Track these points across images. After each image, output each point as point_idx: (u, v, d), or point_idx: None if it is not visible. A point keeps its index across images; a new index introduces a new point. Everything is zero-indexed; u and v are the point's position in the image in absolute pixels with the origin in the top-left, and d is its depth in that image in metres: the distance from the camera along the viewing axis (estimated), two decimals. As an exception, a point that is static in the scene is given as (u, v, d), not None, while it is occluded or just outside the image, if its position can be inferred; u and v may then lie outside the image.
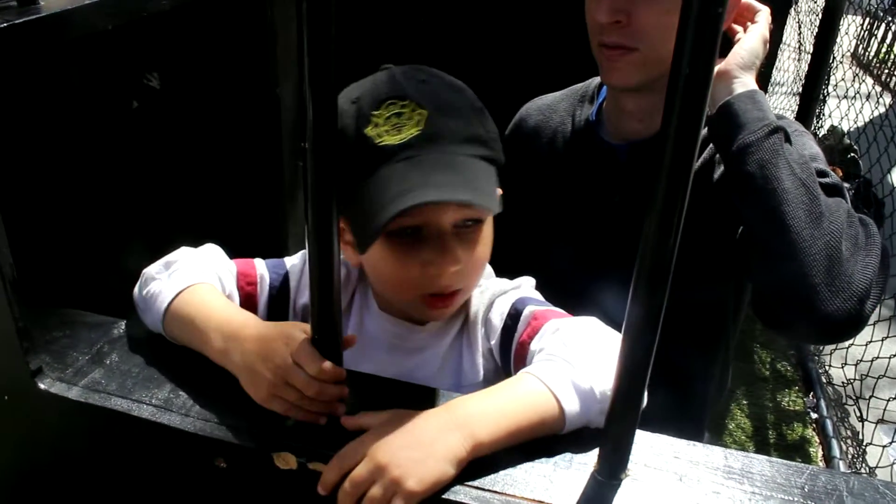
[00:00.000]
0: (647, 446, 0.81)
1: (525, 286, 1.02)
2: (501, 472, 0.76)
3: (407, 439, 0.73)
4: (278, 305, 1.03)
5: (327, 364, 0.77)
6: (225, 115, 1.74)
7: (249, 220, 1.78)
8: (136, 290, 0.98)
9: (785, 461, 0.80)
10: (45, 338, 0.95)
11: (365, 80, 0.93)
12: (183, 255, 0.98)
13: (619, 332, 0.70)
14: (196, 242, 1.01)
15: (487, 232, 0.94)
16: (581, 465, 0.78)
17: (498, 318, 0.97)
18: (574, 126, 1.37)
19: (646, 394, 0.71)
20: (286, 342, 0.79)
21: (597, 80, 1.41)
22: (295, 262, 1.05)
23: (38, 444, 0.95)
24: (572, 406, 0.78)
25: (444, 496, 0.73)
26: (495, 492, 0.74)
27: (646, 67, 1.16)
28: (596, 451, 0.77)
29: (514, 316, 0.96)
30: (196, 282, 0.92)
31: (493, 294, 1.00)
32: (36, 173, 1.28)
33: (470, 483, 0.74)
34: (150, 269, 0.97)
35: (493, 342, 0.98)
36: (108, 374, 0.90)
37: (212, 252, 1.01)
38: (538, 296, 1.01)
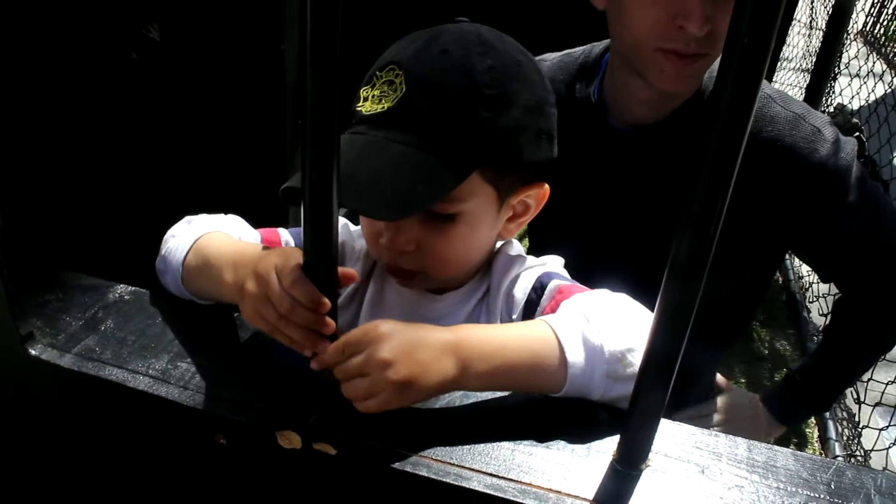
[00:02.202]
0: (669, 435, 0.77)
1: (552, 263, 0.99)
2: (517, 460, 0.72)
3: (409, 347, 0.72)
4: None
5: (299, 282, 0.71)
6: (227, 71, 1.68)
7: (249, 176, 1.74)
8: (157, 261, 0.95)
9: (810, 455, 0.77)
10: (37, 301, 0.91)
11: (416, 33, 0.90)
12: (203, 216, 0.96)
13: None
14: (195, 198, 0.97)
15: (467, 230, 0.90)
16: (599, 454, 0.74)
17: (521, 293, 0.94)
18: (574, 105, 1.30)
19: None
20: (279, 257, 0.74)
21: (597, 51, 1.34)
22: None
23: (28, 414, 0.91)
24: (576, 357, 0.75)
25: (458, 483, 0.70)
26: (510, 479, 0.70)
27: (707, 69, 1.14)
28: (615, 440, 0.74)
29: (538, 290, 0.93)
30: (213, 230, 0.91)
31: (519, 269, 0.97)
32: (29, 130, 1.23)
33: (484, 470, 0.71)
34: (170, 231, 0.96)
35: (514, 316, 0.94)
36: (102, 341, 0.86)
37: (234, 218, 0.98)
38: (565, 273, 0.98)
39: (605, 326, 0.78)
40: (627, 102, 1.23)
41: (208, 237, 0.90)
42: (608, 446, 0.75)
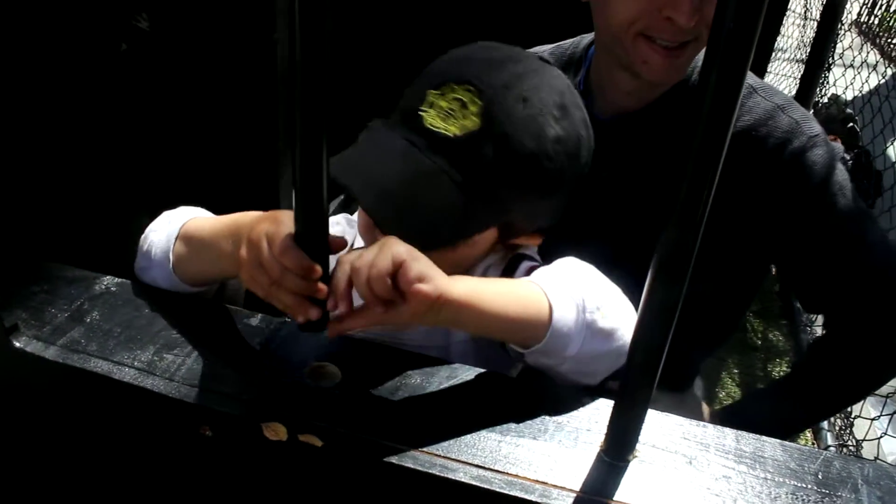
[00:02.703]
0: (656, 426, 0.77)
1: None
2: (504, 451, 0.72)
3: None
4: None
5: (289, 249, 0.71)
6: (218, 61, 1.67)
7: (240, 165, 1.73)
8: (136, 261, 0.95)
9: (798, 446, 0.77)
10: (22, 292, 0.90)
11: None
12: (181, 208, 0.96)
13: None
14: (184, 188, 0.96)
15: (457, 256, 0.91)
16: (587, 445, 0.74)
17: (492, 273, 0.96)
18: None
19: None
20: (271, 223, 0.74)
21: (585, 42, 1.33)
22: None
23: (13, 406, 0.91)
24: (560, 304, 0.77)
25: (444, 475, 0.69)
26: (497, 471, 0.70)
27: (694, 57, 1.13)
28: (602, 431, 0.73)
29: (508, 269, 0.95)
30: (196, 216, 0.92)
31: (494, 255, 0.98)
32: (14, 121, 1.22)
33: (471, 462, 0.71)
34: (148, 228, 0.95)
35: None
36: (88, 333, 0.85)
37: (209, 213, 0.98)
38: (537, 257, 1.00)
39: (582, 282, 0.81)
40: (612, 92, 1.22)
41: (194, 221, 0.91)
42: (595, 437, 0.74)
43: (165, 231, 0.92)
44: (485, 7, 2.23)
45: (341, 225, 1.08)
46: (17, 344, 0.82)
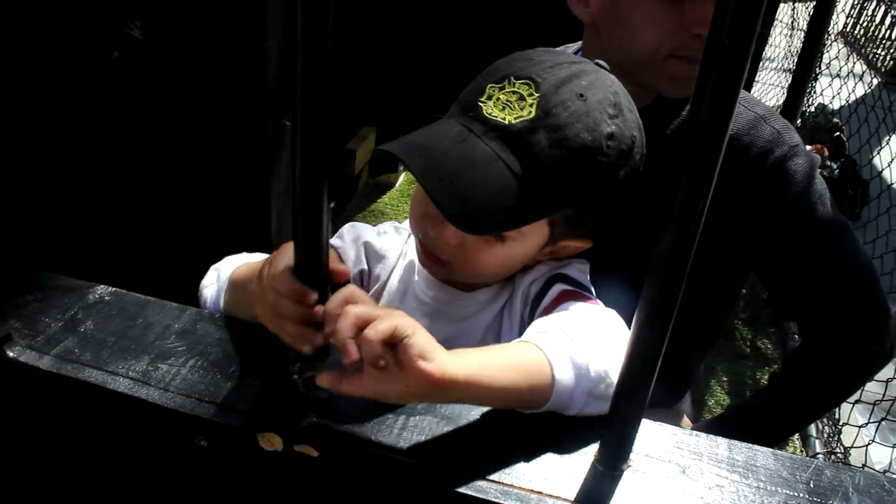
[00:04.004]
0: (650, 435, 0.77)
1: (573, 266, 0.99)
2: (496, 460, 0.72)
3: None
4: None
5: (281, 275, 0.71)
6: (209, 69, 1.67)
7: (230, 176, 1.72)
8: None
9: (790, 455, 0.78)
10: (15, 301, 0.90)
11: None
12: (227, 258, 1.00)
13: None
14: (174, 199, 0.96)
15: (509, 251, 0.92)
16: (581, 455, 0.74)
17: (533, 289, 0.97)
18: None
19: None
20: (279, 253, 0.74)
21: (570, 52, 1.34)
22: (334, 242, 1.05)
23: (6, 416, 0.90)
24: (563, 375, 0.74)
25: (438, 484, 0.70)
26: (492, 481, 0.70)
27: None
28: (597, 440, 0.74)
29: (545, 287, 0.95)
30: (239, 264, 0.94)
31: (541, 267, 0.99)
32: (7, 129, 1.22)
33: (462, 470, 0.71)
34: (202, 283, 1.00)
35: (524, 312, 0.96)
36: (82, 342, 0.85)
37: (259, 255, 0.99)
38: (582, 278, 0.98)
39: (590, 346, 0.77)
40: None
41: (236, 272, 0.92)
42: (590, 447, 0.75)
43: (216, 286, 0.95)
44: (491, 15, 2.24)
45: (389, 234, 1.08)
46: (11, 354, 0.82)
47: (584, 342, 0.78)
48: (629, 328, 0.66)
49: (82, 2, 1.39)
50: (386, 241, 1.07)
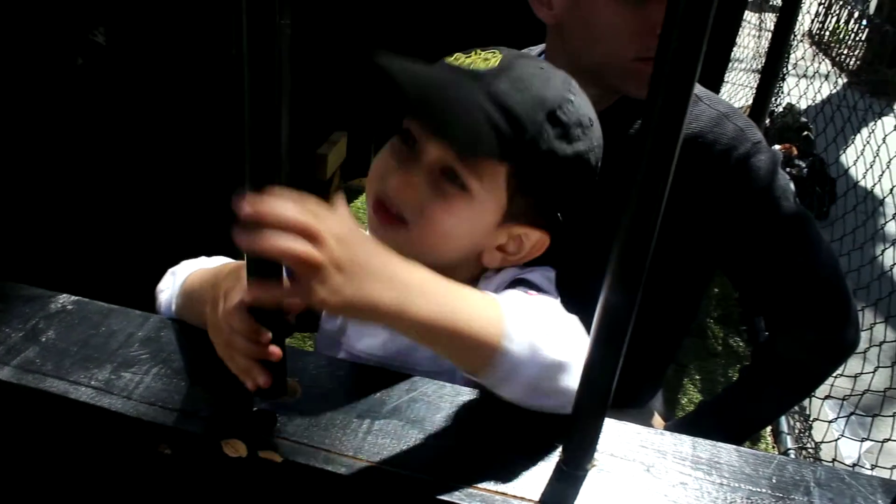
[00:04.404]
0: (614, 435, 0.78)
1: (537, 272, 0.97)
2: (461, 462, 0.73)
3: (360, 257, 0.65)
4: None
5: (236, 311, 0.69)
6: (175, 75, 1.66)
7: (199, 180, 1.71)
8: None
9: (753, 451, 0.78)
10: (-25, 312, 0.89)
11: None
12: (185, 262, 0.98)
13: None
14: (141, 205, 0.96)
15: (464, 211, 0.91)
16: (545, 455, 0.75)
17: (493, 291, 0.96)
18: None
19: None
20: (232, 280, 0.73)
21: (534, 53, 1.35)
22: None
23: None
24: (516, 342, 0.71)
25: (403, 488, 0.70)
26: (457, 483, 0.70)
27: None
28: (561, 441, 0.74)
29: (505, 289, 0.94)
30: (194, 270, 0.92)
31: (504, 274, 0.98)
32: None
33: (427, 473, 0.71)
34: (158, 287, 0.98)
35: None
36: (43, 352, 0.84)
37: (220, 259, 0.96)
38: (545, 283, 0.96)
39: (550, 334, 0.76)
40: None
41: (189, 280, 0.91)
42: (554, 448, 0.75)
43: (169, 291, 0.94)
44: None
45: None
46: (-30, 365, 0.81)
47: (545, 328, 0.76)
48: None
49: (46, 9, 1.38)
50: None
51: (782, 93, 4.40)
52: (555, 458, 0.74)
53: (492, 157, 0.88)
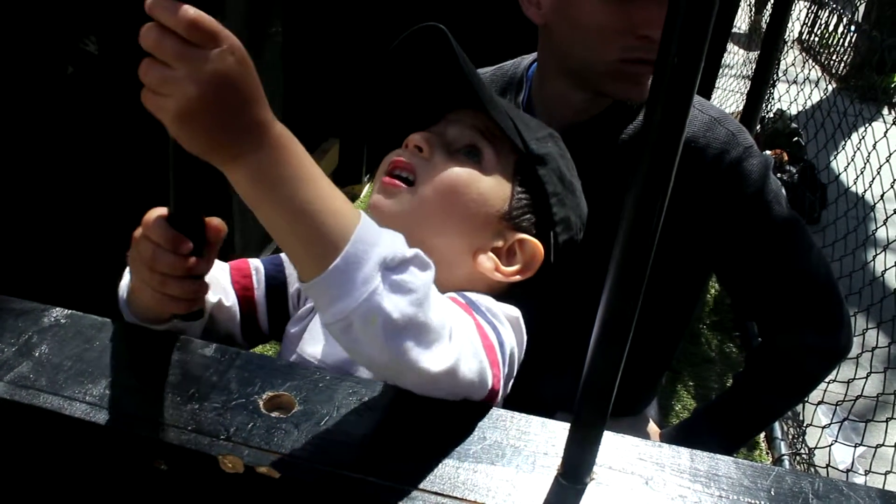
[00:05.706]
0: (613, 448, 0.78)
1: (488, 297, 0.93)
2: (462, 477, 0.72)
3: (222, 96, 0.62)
4: (276, 294, 1.02)
5: (156, 225, 0.71)
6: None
7: (192, 188, 1.70)
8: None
9: (751, 463, 0.78)
10: (-33, 326, 0.88)
11: None
12: None
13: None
14: (131, 215, 0.95)
15: (469, 178, 0.94)
16: (544, 469, 0.74)
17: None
18: None
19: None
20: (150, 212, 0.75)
21: (525, 63, 1.35)
22: (282, 256, 1.04)
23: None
24: (363, 241, 0.65)
25: (399, 501, 0.69)
26: (455, 497, 0.70)
27: None
28: (560, 454, 0.74)
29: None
30: None
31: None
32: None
33: (429, 489, 0.70)
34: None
35: None
36: (37, 367, 0.83)
37: None
38: (483, 300, 0.91)
39: (407, 277, 0.69)
40: (562, 109, 1.25)
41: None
42: (552, 461, 0.75)
43: (125, 279, 0.93)
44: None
45: None
46: (-38, 381, 0.80)
47: (407, 271, 0.69)
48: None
49: (36, 17, 1.37)
50: None
51: (773, 98, 4.42)
52: (553, 471, 0.74)
53: (514, 139, 0.93)
